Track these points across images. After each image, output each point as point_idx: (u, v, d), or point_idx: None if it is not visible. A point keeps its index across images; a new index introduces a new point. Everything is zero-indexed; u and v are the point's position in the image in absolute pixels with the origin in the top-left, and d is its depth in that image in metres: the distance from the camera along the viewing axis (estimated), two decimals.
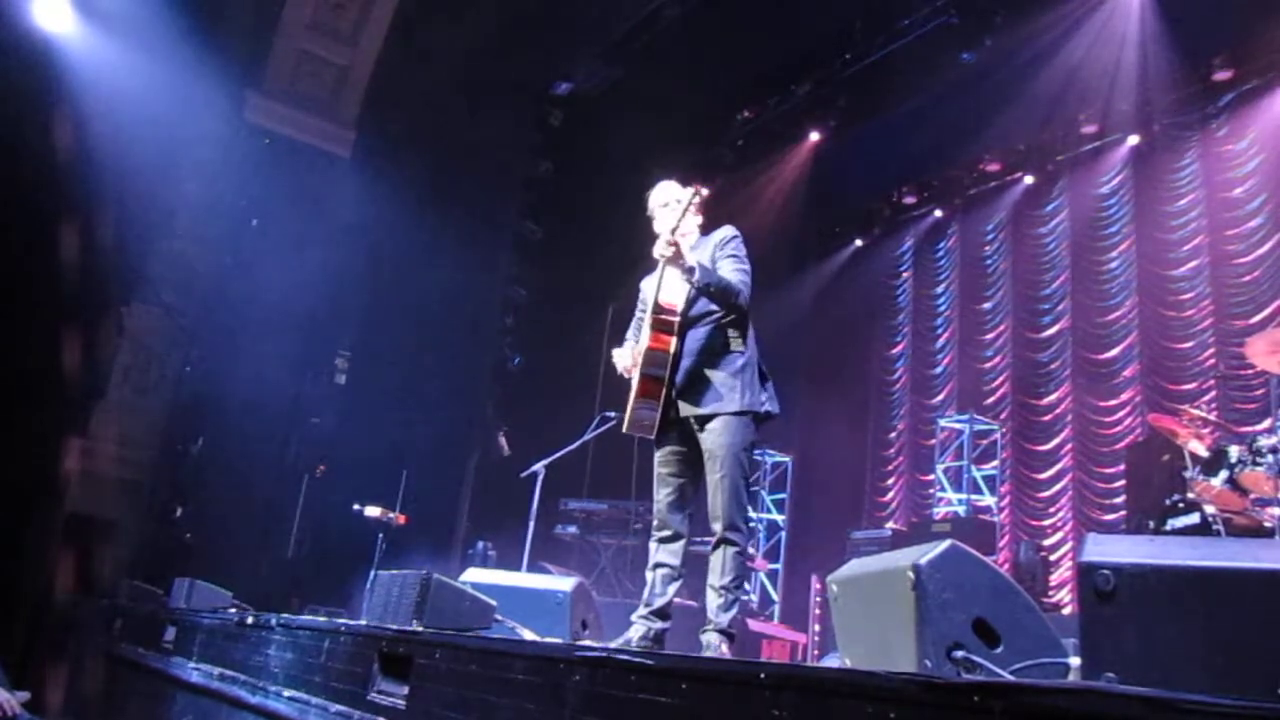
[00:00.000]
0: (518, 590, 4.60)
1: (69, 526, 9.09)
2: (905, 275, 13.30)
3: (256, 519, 9.91)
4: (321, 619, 5.37)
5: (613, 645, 3.82)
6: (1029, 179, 11.71)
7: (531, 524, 6.73)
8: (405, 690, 3.48)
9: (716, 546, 3.92)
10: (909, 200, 12.95)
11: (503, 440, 11.35)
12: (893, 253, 13.41)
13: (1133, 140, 10.62)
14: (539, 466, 6.81)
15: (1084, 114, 10.72)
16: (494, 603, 4.03)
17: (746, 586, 3.76)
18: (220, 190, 10.20)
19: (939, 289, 12.81)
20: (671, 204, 4.27)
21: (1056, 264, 11.35)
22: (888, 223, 13.43)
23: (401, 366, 10.84)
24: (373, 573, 6.89)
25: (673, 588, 4.01)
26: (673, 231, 3.96)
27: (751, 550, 10.85)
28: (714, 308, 4.03)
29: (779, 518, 12.75)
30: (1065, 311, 11.10)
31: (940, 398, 12.31)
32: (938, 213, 12.87)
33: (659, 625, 3.96)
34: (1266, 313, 9.07)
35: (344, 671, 3.97)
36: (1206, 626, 1.91)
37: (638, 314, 4.50)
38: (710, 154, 13.59)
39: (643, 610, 3.99)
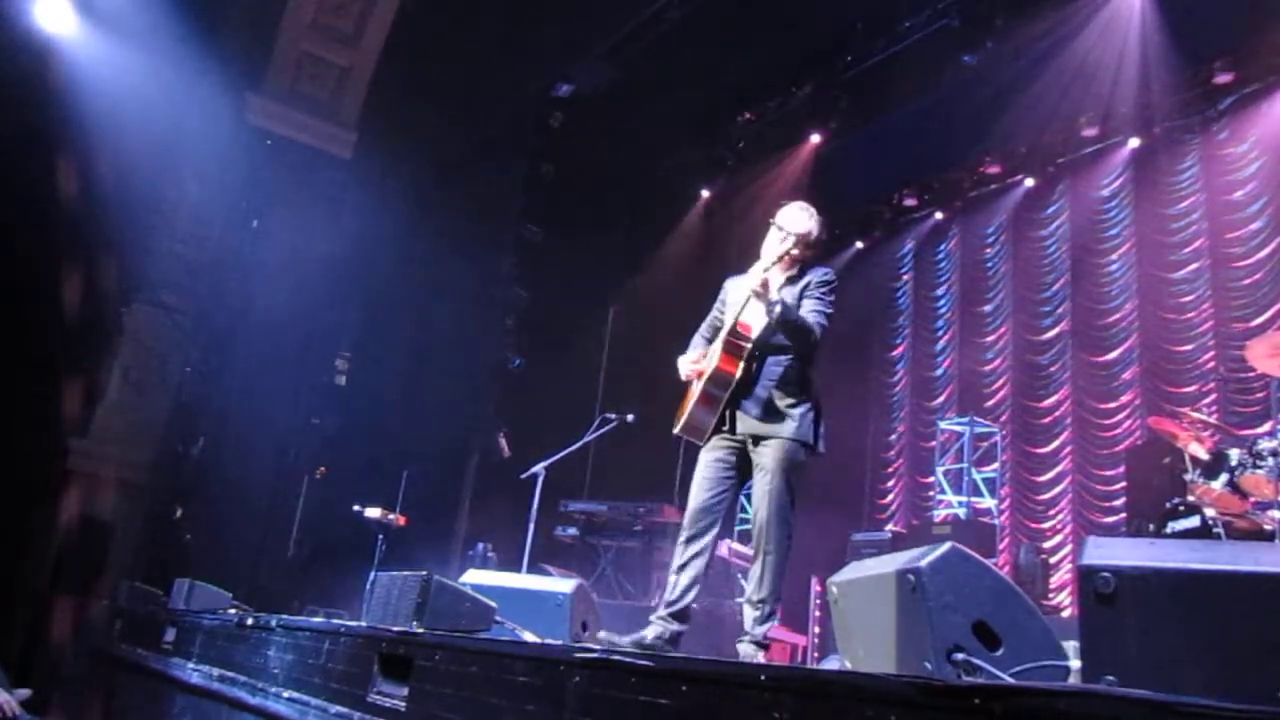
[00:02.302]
0: (518, 592, 4.60)
1: (69, 527, 9.09)
2: (905, 277, 13.29)
3: (256, 520, 9.91)
4: (321, 620, 5.37)
5: (624, 641, 3.89)
6: (1029, 181, 11.71)
7: (531, 525, 6.73)
8: (405, 692, 3.48)
9: (756, 558, 4.11)
10: (909, 202, 12.95)
11: (503, 441, 11.35)
12: (893, 255, 13.40)
13: (1133, 143, 10.62)
14: (539, 468, 6.82)
15: (1085, 116, 10.71)
16: (494, 604, 4.03)
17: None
18: (221, 191, 10.20)
19: (939, 291, 12.80)
20: (785, 234, 4.36)
21: (1057, 266, 11.35)
22: (888, 225, 13.43)
23: (402, 368, 10.85)
24: (373, 574, 6.89)
25: (694, 592, 4.12)
26: (766, 270, 4.16)
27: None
28: (787, 341, 4.18)
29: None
30: (1065, 314, 11.09)
31: (940, 400, 12.31)
32: (938, 215, 12.86)
33: (676, 627, 4.08)
34: (1267, 315, 9.06)
35: (344, 673, 3.97)
36: (1207, 629, 1.91)
37: (716, 312, 4.62)
38: (711, 155, 13.61)
39: (662, 611, 4.11)
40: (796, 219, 4.39)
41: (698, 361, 4.40)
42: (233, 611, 6.21)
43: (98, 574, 9.06)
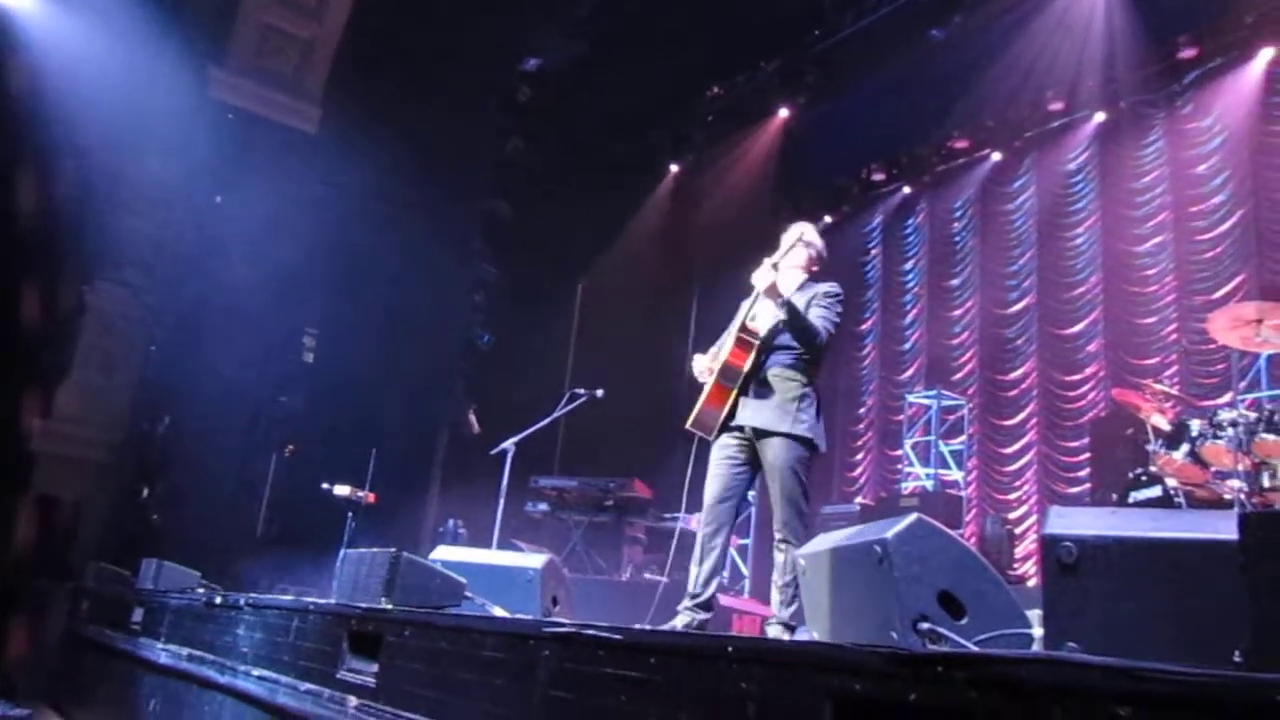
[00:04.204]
0: (488, 568, 4.60)
1: (35, 508, 8.98)
2: (874, 252, 13.34)
3: (224, 499, 9.83)
4: (290, 598, 5.35)
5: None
6: (996, 156, 11.76)
7: (501, 501, 6.73)
8: (375, 668, 3.48)
9: (779, 548, 4.38)
10: (878, 177, 12.96)
11: (473, 418, 11.32)
12: (862, 229, 13.43)
13: (1099, 117, 10.69)
14: (509, 444, 6.81)
15: (1051, 91, 10.75)
16: (464, 580, 4.03)
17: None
18: (184, 167, 10.04)
19: (907, 265, 12.86)
20: (798, 245, 4.72)
21: (1023, 240, 11.42)
22: (857, 200, 13.45)
23: (370, 345, 10.75)
24: (342, 552, 6.86)
25: (715, 582, 4.41)
26: (775, 266, 4.42)
27: None
28: (794, 342, 4.43)
29: (749, 493, 12.79)
30: (1031, 287, 11.17)
31: (909, 373, 12.39)
32: (906, 190, 12.90)
33: (703, 616, 4.34)
34: (1228, 288, 9.18)
35: (313, 650, 3.97)
36: (1166, 596, 1.95)
37: (730, 328, 4.82)
38: (679, 130, 13.58)
39: (688, 602, 4.37)
40: (805, 229, 4.78)
41: (714, 359, 4.60)
42: (201, 591, 6.18)
43: (64, 555, 8.98)
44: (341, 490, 8.53)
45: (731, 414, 4.44)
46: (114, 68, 8.93)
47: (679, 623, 4.29)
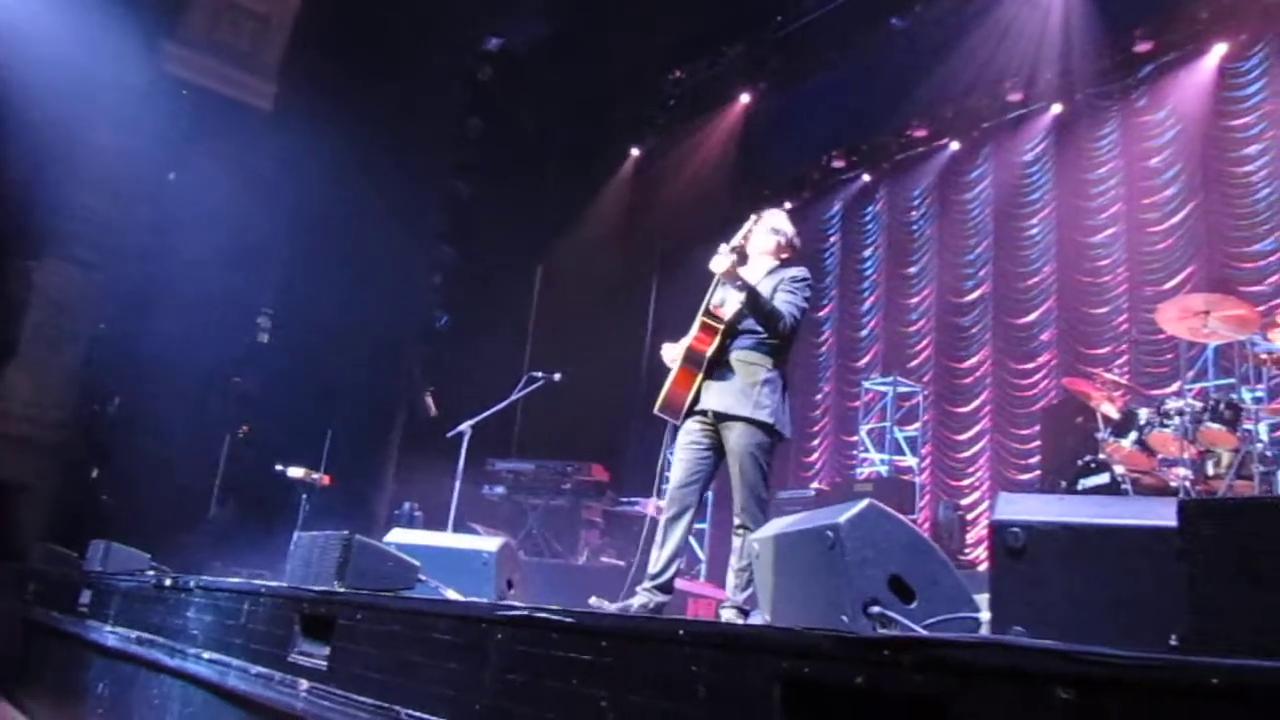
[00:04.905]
0: (443, 551, 4.58)
1: None
2: (833, 239, 13.40)
3: (176, 479, 9.70)
4: (241, 580, 5.30)
5: (611, 607, 4.22)
6: (955, 145, 11.85)
7: (457, 484, 6.71)
8: (327, 651, 3.45)
9: (737, 533, 4.39)
10: (838, 164, 13.00)
11: (429, 400, 11.26)
12: (821, 216, 13.48)
13: (1056, 109, 10.81)
14: (466, 426, 6.79)
15: (1009, 82, 10.85)
16: (418, 563, 4.01)
17: None
18: (136, 143, 9.86)
19: (866, 253, 12.94)
20: (765, 231, 4.71)
21: (980, 230, 11.53)
22: (817, 186, 13.48)
23: (326, 325, 10.64)
24: (295, 534, 6.80)
25: (675, 565, 4.41)
26: (734, 250, 4.41)
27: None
28: (758, 327, 4.43)
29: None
30: (987, 276, 11.29)
31: (865, 360, 12.48)
32: (866, 177, 12.96)
33: (660, 598, 4.35)
34: (1178, 280, 9.33)
35: (265, 633, 3.93)
36: (1110, 581, 1.98)
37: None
38: (641, 114, 13.55)
39: (647, 583, 4.38)
40: (775, 216, 4.78)
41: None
42: (150, 573, 6.09)
43: (10, 536, 8.83)
44: (296, 472, 8.47)
45: (697, 398, 4.45)
46: (65, 41, 8.75)
47: (636, 602, 4.32)
